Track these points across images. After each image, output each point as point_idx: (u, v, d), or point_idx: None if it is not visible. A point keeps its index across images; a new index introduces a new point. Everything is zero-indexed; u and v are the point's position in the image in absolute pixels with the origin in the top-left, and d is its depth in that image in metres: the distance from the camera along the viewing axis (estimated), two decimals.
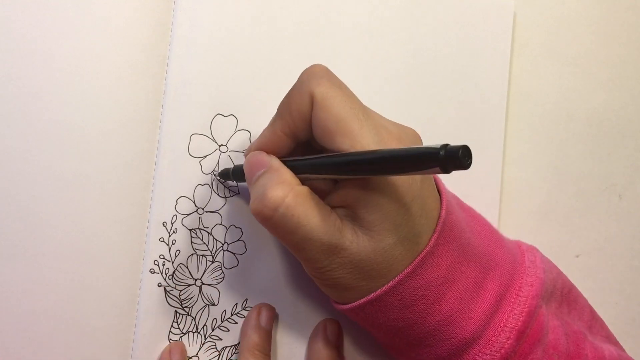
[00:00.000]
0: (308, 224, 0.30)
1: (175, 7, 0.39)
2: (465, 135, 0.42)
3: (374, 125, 0.30)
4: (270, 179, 0.31)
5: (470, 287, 0.31)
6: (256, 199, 0.31)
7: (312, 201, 0.30)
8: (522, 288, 0.32)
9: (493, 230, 0.35)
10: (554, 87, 0.44)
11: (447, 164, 0.24)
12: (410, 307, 0.31)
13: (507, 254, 0.34)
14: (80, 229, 0.36)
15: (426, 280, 0.30)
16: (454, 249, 0.31)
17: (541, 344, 0.32)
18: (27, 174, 0.36)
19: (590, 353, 0.33)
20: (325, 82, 0.31)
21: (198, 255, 0.38)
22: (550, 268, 0.35)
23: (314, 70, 0.31)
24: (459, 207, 0.34)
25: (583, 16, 0.45)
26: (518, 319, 0.31)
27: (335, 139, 0.30)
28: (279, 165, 0.32)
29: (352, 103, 0.30)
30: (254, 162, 0.33)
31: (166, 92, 0.38)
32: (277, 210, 0.30)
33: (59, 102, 0.37)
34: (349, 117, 0.30)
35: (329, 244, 0.30)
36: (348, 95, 0.31)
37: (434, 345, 0.32)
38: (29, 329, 0.36)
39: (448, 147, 0.24)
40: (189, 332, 0.38)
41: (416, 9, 0.42)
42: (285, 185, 0.30)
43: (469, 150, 0.24)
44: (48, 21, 0.37)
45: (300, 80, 0.32)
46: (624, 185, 0.44)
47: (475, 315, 0.31)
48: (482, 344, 0.31)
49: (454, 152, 0.23)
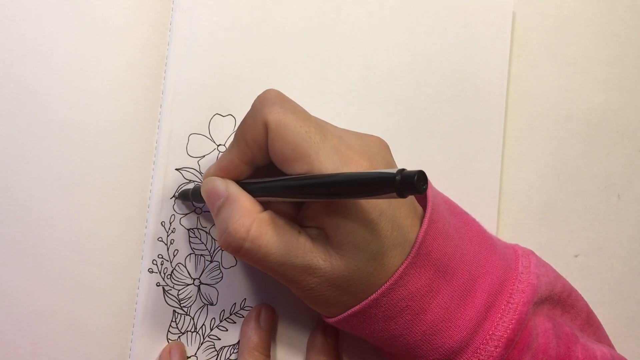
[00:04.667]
0: (277, 250, 0.30)
1: (174, 8, 0.39)
2: (464, 135, 0.42)
3: (332, 146, 0.30)
4: (231, 213, 0.31)
5: (457, 296, 0.31)
6: (222, 234, 0.31)
7: (277, 226, 0.30)
8: (513, 295, 0.32)
9: (486, 236, 0.34)
10: (553, 87, 0.44)
11: (403, 189, 0.24)
12: (395, 318, 0.31)
13: (499, 260, 0.33)
14: (78, 228, 0.37)
15: (409, 292, 0.30)
16: (437, 258, 0.31)
17: (530, 349, 0.31)
18: (26, 173, 0.36)
19: (581, 355, 0.33)
20: (278, 108, 0.30)
21: (196, 255, 0.38)
22: (547, 272, 0.35)
23: (266, 96, 0.31)
24: (449, 213, 0.33)
25: (582, 16, 0.45)
26: (507, 327, 0.31)
27: (293, 166, 0.30)
28: (238, 194, 0.32)
29: (307, 127, 0.30)
30: (210, 190, 0.32)
31: (165, 92, 0.38)
32: (244, 245, 0.30)
33: (58, 102, 0.37)
34: (304, 142, 0.29)
35: (302, 265, 0.30)
36: (302, 119, 0.30)
37: (422, 356, 0.31)
38: (28, 329, 0.36)
39: (404, 173, 0.24)
40: (188, 332, 0.38)
41: (415, 9, 0.42)
42: (246, 216, 0.30)
43: (424, 175, 0.24)
44: (47, 21, 0.37)
45: (253, 108, 0.31)
46: (622, 185, 0.44)
47: (462, 324, 0.31)
48: (470, 353, 0.31)
49: (410, 177, 0.23)
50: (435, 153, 0.41)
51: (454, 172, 0.41)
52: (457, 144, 0.42)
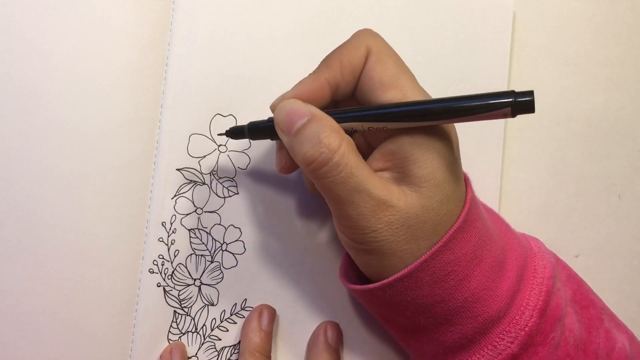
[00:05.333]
0: (360, 174, 0.30)
1: (175, 8, 0.39)
2: (464, 135, 0.42)
3: (419, 84, 0.32)
4: (321, 128, 0.30)
5: (495, 266, 0.32)
6: (311, 146, 0.30)
7: (359, 155, 0.31)
8: (537, 270, 0.33)
9: (503, 220, 0.36)
10: (553, 87, 0.44)
11: (518, 107, 0.27)
12: (440, 282, 0.31)
13: (518, 240, 0.35)
14: (79, 229, 0.36)
15: (456, 256, 0.31)
16: (479, 227, 0.32)
17: (560, 323, 0.32)
18: (27, 174, 0.36)
19: (602, 342, 0.34)
20: (381, 39, 0.32)
21: (197, 255, 0.38)
22: (554, 255, 0.37)
23: (369, 30, 0.33)
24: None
25: (583, 16, 0.45)
26: (539, 298, 0.32)
27: (387, 92, 0.31)
28: (323, 114, 0.31)
29: (402, 62, 0.32)
30: (290, 110, 0.31)
31: (165, 92, 0.38)
32: (333, 157, 0.29)
33: (58, 102, 0.37)
34: (402, 72, 0.31)
35: (378, 198, 0.30)
36: (399, 56, 0.32)
37: (461, 324, 0.31)
38: (29, 329, 0.36)
39: (517, 92, 0.27)
40: (188, 332, 0.38)
41: (415, 9, 0.42)
42: (336, 133, 0.30)
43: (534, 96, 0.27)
44: (47, 22, 0.37)
45: (355, 36, 0.33)
46: (623, 185, 0.44)
47: (500, 293, 0.31)
48: (506, 322, 0.31)
49: (527, 94, 0.27)
50: None
51: None
52: None
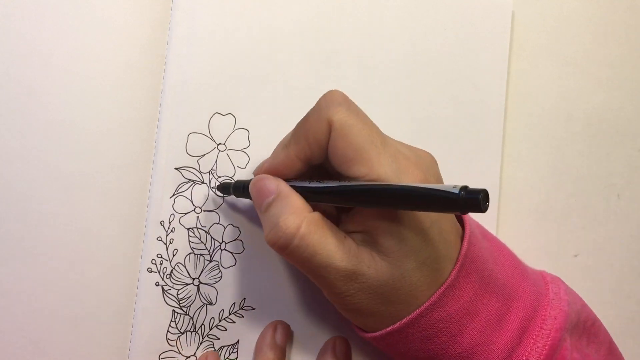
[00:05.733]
0: (324, 251, 0.30)
1: (174, 7, 0.39)
2: (464, 135, 0.42)
3: (392, 153, 0.30)
4: (282, 208, 0.31)
5: (493, 319, 0.31)
6: (271, 229, 0.31)
7: (326, 228, 0.30)
8: (546, 321, 0.32)
9: (517, 260, 0.34)
10: (552, 87, 0.44)
11: (466, 206, 0.25)
12: (432, 338, 0.31)
13: (530, 285, 0.33)
14: (78, 228, 0.37)
15: (448, 313, 0.30)
16: (475, 280, 0.31)
17: None
18: (25, 173, 0.36)
19: None
20: (344, 109, 0.31)
21: (196, 255, 0.38)
22: (575, 299, 0.34)
23: (333, 96, 0.31)
24: (482, 237, 0.33)
25: (582, 16, 0.45)
26: (541, 353, 0.30)
27: (352, 167, 0.30)
28: (289, 192, 0.31)
29: (370, 131, 0.30)
30: (261, 187, 0.32)
31: (164, 91, 0.38)
32: (292, 241, 0.30)
33: (57, 102, 0.37)
34: (367, 145, 0.30)
35: (346, 270, 0.30)
36: (366, 123, 0.31)
37: None
38: (27, 328, 0.36)
39: (468, 190, 0.24)
40: (187, 332, 0.38)
41: (415, 9, 0.42)
42: (297, 213, 0.30)
43: (487, 194, 0.25)
44: (47, 21, 0.37)
45: (318, 106, 0.32)
46: (622, 185, 0.44)
47: (497, 347, 0.31)
48: None
49: (475, 195, 0.24)
50: (435, 153, 0.41)
51: (454, 172, 0.41)
52: (456, 144, 0.42)
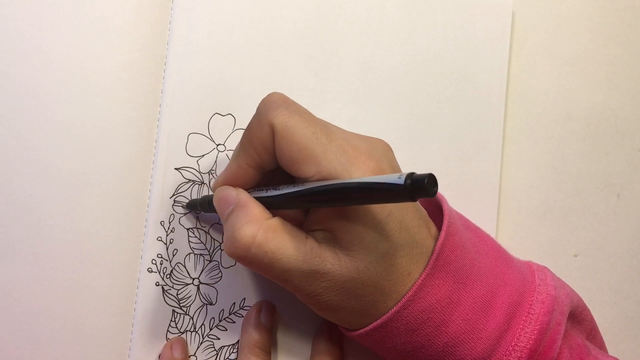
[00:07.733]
0: (283, 256, 0.30)
1: (173, 7, 0.39)
2: (463, 135, 0.42)
3: (339, 145, 0.30)
4: (237, 218, 0.31)
5: (478, 307, 0.31)
6: (227, 240, 0.31)
7: (284, 233, 0.30)
8: (533, 305, 0.32)
9: (501, 251, 0.34)
10: (552, 87, 0.44)
11: (414, 193, 0.24)
12: (417, 330, 0.31)
13: (516, 273, 0.33)
14: (78, 228, 0.37)
15: (430, 303, 0.30)
16: (456, 269, 0.31)
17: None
18: (25, 173, 0.36)
19: None
20: (283, 111, 0.30)
21: (195, 255, 0.38)
22: (563, 285, 0.35)
23: (271, 99, 0.31)
24: (465, 228, 0.33)
25: (582, 16, 0.45)
26: (530, 338, 0.31)
27: (300, 168, 0.30)
28: (247, 200, 0.31)
29: (313, 128, 0.30)
30: (221, 198, 0.33)
31: (164, 91, 0.38)
32: (250, 250, 0.30)
33: (57, 102, 0.37)
34: (311, 143, 0.29)
35: (309, 271, 0.30)
36: (308, 120, 0.30)
37: None
38: (27, 328, 0.36)
39: (414, 177, 0.24)
40: (187, 332, 0.38)
41: (415, 9, 0.42)
42: (253, 222, 0.30)
43: (434, 178, 0.24)
44: (46, 21, 0.37)
45: (258, 112, 0.31)
46: (622, 185, 0.44)
47: (484, 335, 0.31)
48: None
49: (420, 181, 0.24)
50: (434, 153, 0.41)
51: (454, 172, 0.41)
52: (456, 144, 0.42)
